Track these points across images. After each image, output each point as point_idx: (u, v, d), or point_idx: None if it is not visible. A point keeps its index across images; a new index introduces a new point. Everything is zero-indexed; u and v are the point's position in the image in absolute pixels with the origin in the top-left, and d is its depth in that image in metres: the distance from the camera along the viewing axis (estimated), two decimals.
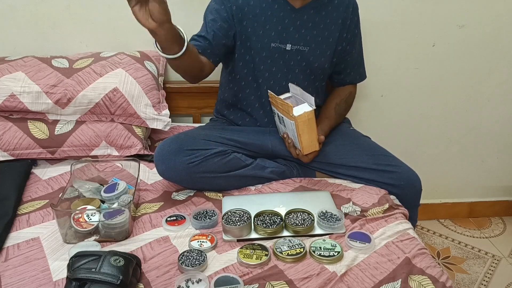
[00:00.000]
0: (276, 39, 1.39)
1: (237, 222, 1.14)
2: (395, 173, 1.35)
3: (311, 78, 1.46)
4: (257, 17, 1.37)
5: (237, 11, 1.37)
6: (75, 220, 1.12)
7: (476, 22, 1.83)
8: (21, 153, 1.46)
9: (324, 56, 1.43)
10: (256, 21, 1.37)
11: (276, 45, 1.39)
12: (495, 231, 2.14)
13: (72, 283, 0.91)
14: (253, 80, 1.45)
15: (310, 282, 0.99)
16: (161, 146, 1.30)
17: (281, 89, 1.40)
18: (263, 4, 1.37)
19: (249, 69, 1.43)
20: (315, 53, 1.42)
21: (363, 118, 1.95)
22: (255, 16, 1.37)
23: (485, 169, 2.14)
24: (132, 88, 1.52)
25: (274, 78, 1.43)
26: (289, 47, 1.39)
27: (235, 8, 1.36)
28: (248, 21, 1.37)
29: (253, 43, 1.39)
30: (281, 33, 1.38)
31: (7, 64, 1.52)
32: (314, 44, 1.41)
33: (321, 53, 1.42)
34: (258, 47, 1.39)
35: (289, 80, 1.41)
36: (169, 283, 0.99)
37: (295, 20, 1.38)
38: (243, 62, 1.43)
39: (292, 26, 1.38)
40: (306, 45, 1.40)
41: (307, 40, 1.40)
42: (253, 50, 1.40)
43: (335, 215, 1.19)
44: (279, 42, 1.39)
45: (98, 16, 1.69)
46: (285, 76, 1.43)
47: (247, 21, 1.37)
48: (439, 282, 0.99)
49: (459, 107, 1.99)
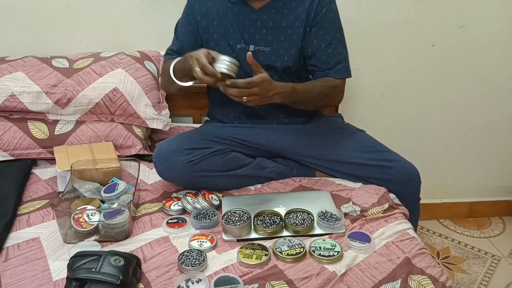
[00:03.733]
0: (240, 41, 1.39)
1: (237, 222, 1.14)
2: (392, 168, 1.34)
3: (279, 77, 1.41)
4: (221, 21, 1.39)
5: (201, 21, 1.40)
6: (75, 220, 1.12)
7: (476, 22, 1.83)
8: (21, 153, 1.46)
9: (288, 55, 1.40)
10: (221, 25, 1.39)
11: (242, 46, 1.39)
12: (495, 231, 2.14)
13: (72, 283, 0.91)
14: None
15: (310, 282, 0.99)
16: (160, 146, 1.30)
17: None
18: (224, 9, 1.39)
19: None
20: (277, 53, 1.39)
21: (363, 118, 1.94)
22: (219, 21, 1.39)
23: (485, 169, 2.14)
24: (132, 88, 1.52)
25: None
26: (252, 48, 1.39)
27: (199, 18, 1.40)
28: (213, 28, 1.40)
29: (221, 48, 1.40)
30: (244, 34, 1.39)
31: (7, 64, 1.52)
32: (276, 43, 1.39)
33: (284, 52, 1.40)
34: (227, 50, 1.40)
35: None
36: (169, 283, 0.99)
37: (255, 21, 1.38)
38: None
39: (252, 27, 1.38)
40: (267, 45, 1.39)
41: (268, 40, 1.39)
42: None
43: (335, 215, 1.19)
44: (243, 43, 1.39)
45: (98, 16, 1.70)
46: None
47: (213, 28, 1.40)
48: (439, 282, 0.99)
49: (459, 107, 1.99)
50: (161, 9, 1.71)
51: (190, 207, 1.24)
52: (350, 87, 1.70)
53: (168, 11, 1.71)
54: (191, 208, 1.24)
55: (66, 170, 1.30)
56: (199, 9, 1.40)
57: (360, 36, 1.79)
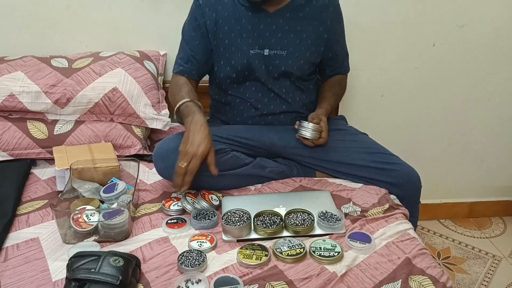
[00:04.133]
0: (254, 46, 1.39)
1: (237, 222, 1.14)
2: (394, 171, 1.34)
3: (292, 80, 1.46)
4: (233, 26, 1.38)
5: (211, 25, 1.38)
6: (74, 220, 1.12)
7: (476, 22, 1.83)
8: (20, 153, 1.46)
9: (304, 58, 1.42)
10: (232, 31, 1.38)
11: (256, 51, 1.39)
12: (495, 231, 2.13)
13: (72, 284, 0.91)
14: (238, 86, 1.46)
15: (310, 282, 0.99)
16: (160, 145, 1.30)
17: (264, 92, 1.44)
18: (237, 13, 1.37)
19: (231, 79, 1.44)
20: (293, 56, 1.41)
21: (363, 118, 1.94)
22: (230, 26, 1.38)
23: (485, 169, 2.13)
24: (132, 88, 1.52)
25: (258, 82, 1.44)
26: (266, 52, 1.39)
27: (209, 22, 1.38)
28: (224, 33, 1.38)
29: (232, 53, 1.40)
30: (258, 39, 1.39)
31: (6, 64, 1.52)
32: (292, 47, 1.40)
33: (299, 56, 1.41)
34: (239, 55, 1.39)
35: (271, 83, 1.43)
36: (168, 284, 0.99)
37: (270, 25, 1.38)
38: (224, 73, 1.43)
39: (268, 31, 1.38)
40: (284, 48, 1.40)
41: (284, 44, 1.40)
42: (233, 60, 1.40)
43: (335, 215, 1.19)
44: (257, 48, 1.39)
45: (97, 16, 1.69)
46: (268, 80, 1.43)
47: (223, 33, 1.38)
48: (439, 283, 0.99)
49: (459, 107, 1.99)
50: (161, 9, 1.71)
51: (189, 208, 1.24)
52: (350, 87, 1.70)
53: (168, 11, 1.71)
54: (190, 208, 1.24)
55: (65, 169, 1.30)
56: (208, 13, 1.38)
57: (360, 36, 1.79)
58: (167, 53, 1.78)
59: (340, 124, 1.56)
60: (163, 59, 1.75)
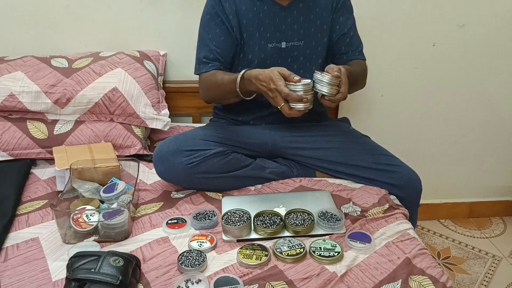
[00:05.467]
0: (272, 40, 1.40)
1: (237, 223, 1.14)
2: (396, 172, 1.34)
3: (311, 68, 1.43)
4: (251, 21, 1.38)
5: (233, 20, 1.38)
6: (74, 220, 1.12)
7: (476, 22, 1.83)
8: (20, 153, 1.46)
9: (321, 45, 1.44)
10: (251, 25, 1.39)
11: (273, 45, 1.40)
12: (495, 231, 2.13)
13: (72, 284, 0.91)
14: None
15: (310, 282, 0.99)
16: (160, 147, 1.30)
17: None
18: (254, 7, 1.38)
19: None
20: (311, 45, 1.43)
21: (363, 118, 1.94)
22: (248, 20, 1.38)
23: (485, 169, 2.13)
24: (132, 88, 1.52)
25: None
26: (284, 44, 1.41)
27: (231, 17, 1.38)
28: (243, 27, 1.39)
29: (250, 47, 1.40)
30: (275, 32, 1.40)
31: (6, 63, 1.52)
32: (308, 37, 1.42)
33: (317, 43, 1.43)
34: (256, 50, 1.40)
35: None
36: (168, 284, 0.99)
37: (285, 18, 1.40)
38: (242, 67, 1.42)
39: (284, 24, 1.40)
40: (301, 39, 1.42)
41: (301, 34, 1.41)
42: (251, 54, 1.41)
43: (335, 215, 1.19)
44: (275, 41, 1.40)
45: (97, 16, 1.69)
46: None
47: (242, 27, 1.39)
48: (439, 283, 0.99)
49: (459, 107, 1.99)
50: (161, 9, 1.71)
51: None
52: None
53: (168, 11, 1.71)
54: None
55: (65, 169, 1.30)
56: (228, 8, 1.37)
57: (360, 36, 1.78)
58: (167, 53, 1.78)
59: (343, 126, 1.56)
60: (163, 59, 1.75)
